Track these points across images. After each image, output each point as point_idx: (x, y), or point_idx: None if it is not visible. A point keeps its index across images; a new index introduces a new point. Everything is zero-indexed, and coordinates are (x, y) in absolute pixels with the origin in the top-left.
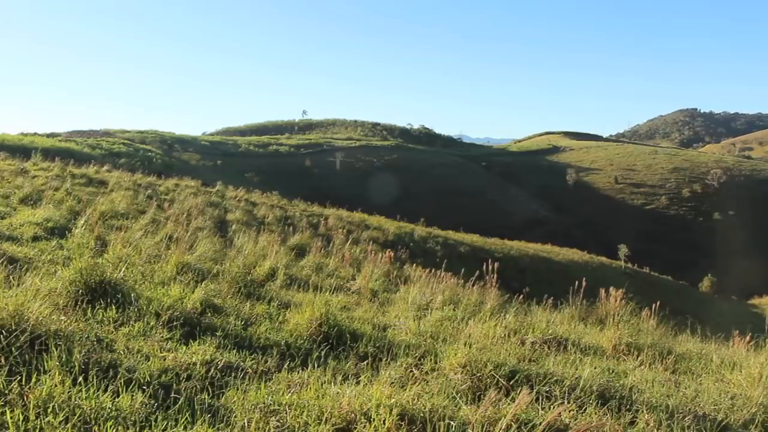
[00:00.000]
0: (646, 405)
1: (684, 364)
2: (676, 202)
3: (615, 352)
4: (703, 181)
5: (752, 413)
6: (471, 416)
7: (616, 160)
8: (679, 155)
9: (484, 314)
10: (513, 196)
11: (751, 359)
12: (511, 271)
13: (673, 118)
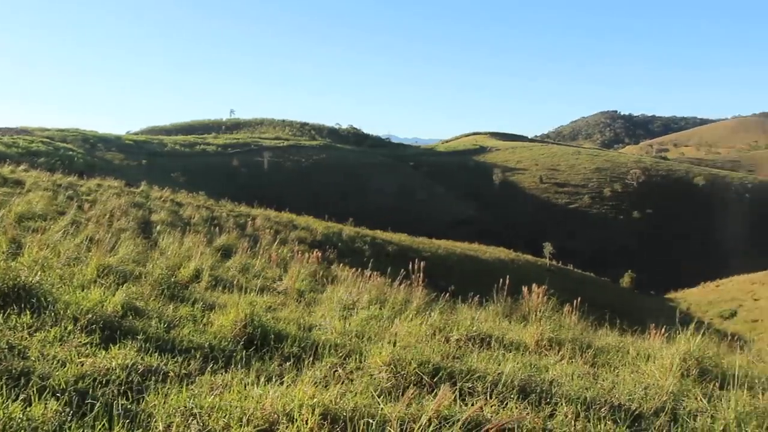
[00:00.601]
0: (566, 398)
1: (603, 357)
2: (598, 201)
3: (537, 348)
4: (623, 180)
5: (663, 401)
6: (392, 414)
7: (541, 160)
8: (601, 156)
9: (410, 313)
10: (440, 196)
11: (664, 350)
12: (439, 270)
13: (595, 120)
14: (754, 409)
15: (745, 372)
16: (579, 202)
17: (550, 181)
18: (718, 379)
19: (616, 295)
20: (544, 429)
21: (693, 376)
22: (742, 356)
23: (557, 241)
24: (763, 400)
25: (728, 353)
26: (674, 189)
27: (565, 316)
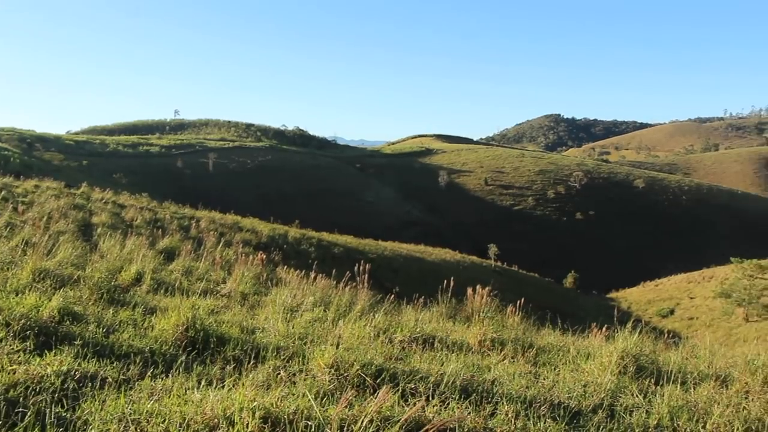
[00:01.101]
0: (507, 397)
1: (544, 357)
2: (542, 203)
3: (480, 348)
4: (566, 183)
5: (601, 398)
6: (332, 416)
7: (486, 162)
8: (545, 158)
9: (354, 314)
10: (387, 198)
11: (603, 349)
12: (385, 272)
13: (539, 123)
14: (686, 403)
15: (679, 368)
16: (523, 204)
17: (495, 183)
18: (654, 375)
19: (559, 295)
20: (486, 428)
21: (630, 373)
22: (677, 353)
23: (502, 242)
24: (695, 394)
25: (664, 350)
26: (615, 191)
27: (508, 317)
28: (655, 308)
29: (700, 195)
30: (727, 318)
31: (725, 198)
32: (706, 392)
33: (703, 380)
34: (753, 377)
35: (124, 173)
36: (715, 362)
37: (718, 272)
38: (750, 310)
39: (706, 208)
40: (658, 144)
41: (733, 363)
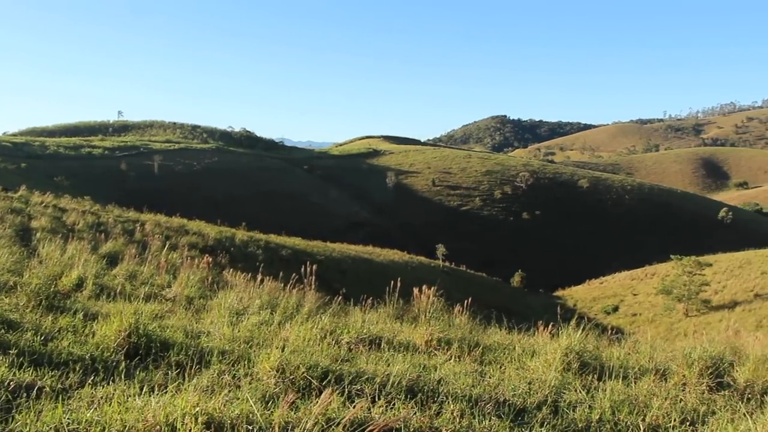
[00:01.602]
0: (453, 396)
1: (490, 355)
2: (489, 203)
3: (427, 348)
4: (512, 183)
5: (545, 395)
6: (276, 419)
7: (434, 163)
8: (491, 159)
9: (302, 317)
10: (335, 199)
11: (548, 346)
12: (333, 273)
13: (486, 124)
14: (628, 397)
15: (621, 363)
16: (471, 204)
17: (442, 184)
18: (597, 371)
19: (506, 294)
20: (431, 427)
21: (574, 369)
22: (619, 349)
23: (450, 242)
24: (636, 388)
25: (608, 346)
26: (561, 191)
27: (455, 316)
28: (601, 305)
29: (642, 194)
30: (669, 313)
31: (666, 197)
32: (647, 386)
33: (644, 374)
34: (690, 370)
35: (66, 176)
36: (656, 356)
37: (660, 269)
38: (689, 306)
39: (648, 207)
40: (601, 144)
41: (672, 357)
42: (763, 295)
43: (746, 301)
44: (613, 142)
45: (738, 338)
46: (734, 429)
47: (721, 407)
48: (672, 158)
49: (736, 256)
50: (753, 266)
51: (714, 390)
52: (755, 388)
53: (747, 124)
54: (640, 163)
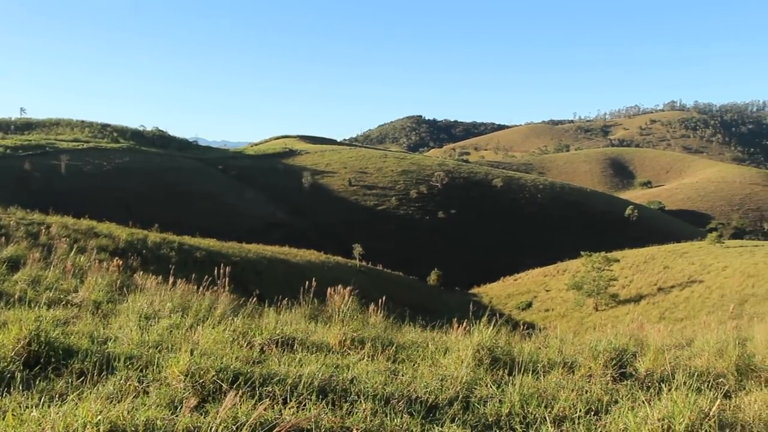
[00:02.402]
0: (365, 395)
1: (404, 353)
2: (405, 203)
3: (341, 347)
4: (428, 182)
5: (457, 391)
6: (182, 423)
7: (350, 163)
8: (407, 159)
9: (214, 319)
10: (250, 199)
11: (460, 343)
12: (249, 274)
13: (402, 124)
14: (537, 390)
15: (531, 357)
16: (387, 204)
17: (358, 184)
18: (508, 366)
19: (423, 292)
20: (343, 427)
21: (485, 365)
22: (530, 343)
23: (367, 242)
24: (544, 381)
25: (520, 341)
26: (476, 190)
27: (370, 315)
28: (515, 302)
29: (554, 193)
30: (579, 308)
31: (576, 195)
32: (555, 379)
33: (553, 368)
34: (595, 362)
35: None
36: (565, 350)
37: (571, 266)
38: (599, 300)
39: (559, 205)
40: (514, 145)
41: (580, 350)
42: (666, 289)
43: (650, 294)
44: (525, 143)
45: (641, 330)
46: (634, 416)
47: (624, 396)
48: (582, 158)
49: (641, 252)
50: (656, 261)
51: (617, 380)
52: (654, 376)
53: (650, 126)
54: (551, 162)
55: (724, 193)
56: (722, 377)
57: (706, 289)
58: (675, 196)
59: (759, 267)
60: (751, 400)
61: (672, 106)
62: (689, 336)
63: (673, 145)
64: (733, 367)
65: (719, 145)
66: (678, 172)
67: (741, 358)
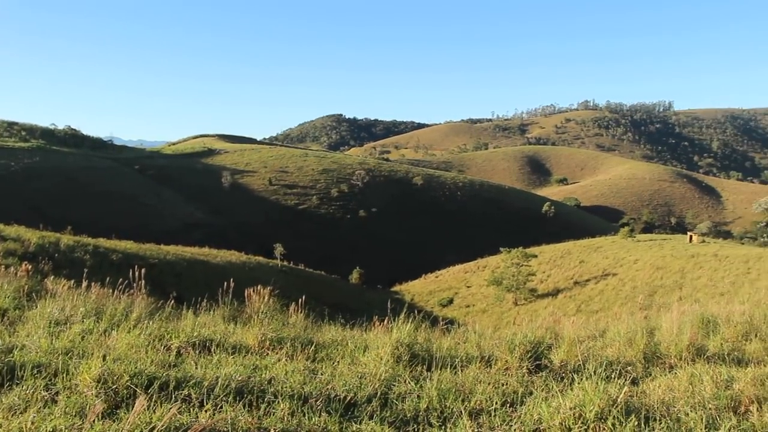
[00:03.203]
0: (283, 395)
1: (323, 352)
2: (326, 202)
3: (260, 348)
4: (349, 181)
5: (376, 388)
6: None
7: (270, 162)
8: (328, 158)
9: (130, 323)
10: (168, 200)
11: (379, 340)
12: (168, 276)
13: (322, 123)
14: (455, 385)
15: (450, 353)
16: (308, 203)
17: (279, 183)
18: (427, 361)
19: (345, 291)
20: (260, 427)
21: (404, 361)
22: (449, 339)
23: (288, 241)
24: (462, 376)
25: (440, 337)
26: (396, 188)
27: (290, 315)
28: (437, 298)
29: (474, 190)
30: (500, 303)
31: (495, 193)
32: (473, 373)
33: (471, 362)
34: (512, 355)
35: None
36: (483, 344)
37: (491, 261)
38: (518, 295)
39: (479, 203)
40: (434, 143)
41: (497, 344)
42: (582, 282)
43: (567, 288)
44: (445, 141)
45: (557, 323)
46: (548, 406)
47: (539, 387)
48: (500, 156)
49: (558, 247)
50: (573, 256)
51: (533, 372)
52: (568, 367)
53: (565, 125)
54: (471, 160)
55: (634, 189)
56: (631, 365)
57: (619, 281)
58: (589, 192)
59: (667, 259)
60: (655, 385)
61: (586, 105)
62: (602, 327)
63: (587, 143)
64: (641, 355)
65: (630, 143)
66: (592, 169)
67: (648, 347)
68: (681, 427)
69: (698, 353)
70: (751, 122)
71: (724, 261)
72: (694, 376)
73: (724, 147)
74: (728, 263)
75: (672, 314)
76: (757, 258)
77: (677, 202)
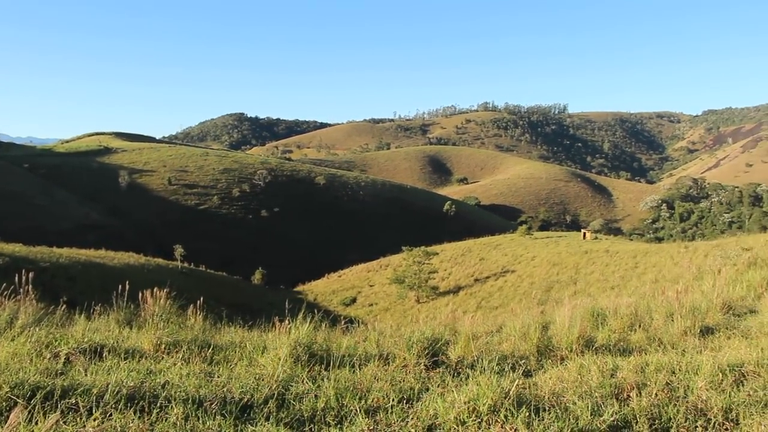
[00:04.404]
0: (177, 399)
1: (222, 354)
2: (227, 202)
3: (156, 352)
4: (251, 181)
5: (273, 389)
6: None
7: (170, 161)
8: (229, 157)
9: (14, 331)
10: (62, 200)
11: (278, 341)
12: (61, 281)
13: (223, 122)
14: (353, 383)
15: (349, 352)
16: (209, 203)
17: (179, 183)
18: (325, 361)
19: (248, 292)
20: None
21: (303, 361)
22: (349, 338)
23: (189, 242)
24: (360, 374)
25: (339, 337)
26: (299, 188)
27: (189, 318)
28: (340, 298)
29: (376, 190)
30: (402, 301)
31: (397, 192)
32: (371, 371)
33: (370, 360)
34: (410, 352)
35: None
36: (383, 343)
37: (393, 260)
38: (420, 293)
39: (381, 202)
40: (337, 143)
41: (396, 342)
42: (482, 279)
43: (468, 285)
44: (348, 141)
45: (457, 320)
46: (443, 401)
47: (435, 383)
48: (402, 156)
49: (459, 245)
50: (473, 254)
51: (430, 368)
52: (465, 362)
53: (466, 126)
54: (373, 160)
55: (532, 188)
56: (525, 359)
57: (517, 278)
58: (489, 191)
59: (562, 256)
60: (547, 377)
61: (485, 106)
62: (500, 323)
63: (487, 143)
64: (534, 349)
65: (527, 143)
66: (491, 169)
67: (541, 340)
68: (569, 416)
69: (587, 345)
70: (638, 125)
71: (614, 256)
72: (583, 366)
73: (615, 148)
74: (618, 258)
75: (564, 309)
76: (644, 253)
77: (572, 200)
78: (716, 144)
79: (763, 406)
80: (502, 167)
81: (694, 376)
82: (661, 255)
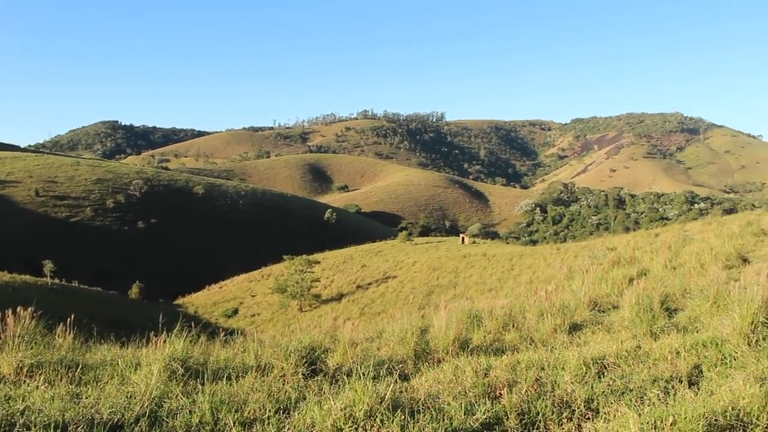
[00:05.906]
0: (39, 425)
1: (92, 374)
2: (101, 213)
3: (17, 376)
4: (126, 191)
5: (145, 407)
6: None
7: (36, 171)
8: (102, 166)
9: None
10: None
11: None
12: None
13: (96, 130)
14: (230, 396)
15: (227, 364)
16: (81, 215)
17: (48, 194)
18: (201, 375)
19: (124, 307)
20: None
21: (178, 376)
22: (228, 350)
23: (61, 257)
24: (237, 386)
25: (218, 349)
26: (177, 198)
27: (58, 337)
28: (221, 309)
29: (256, 199)
30: (285, 311)
31: (278, 201)
32: (248, 383)
33: (247, 372)
34: (287, 361)
35: None
36: (262, 353)
37: (275, 269)
38: (303, 302)
39: (262, 211)
40: (215, 151)
41: (275, 352)
42: (364, 286)
43: (351, 292)
44: (227, 149)
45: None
46: (320, 409)
47: (313, 392)
48: (282, 164)
49: (341, 253)
50: (355, 261)
51: (308, 377)
52: (343, 369)
53: (346, 134)
54: (253, 169)
55: (411, 195)
56: (403, 362)
57: (399, 283)
58: (369, 198)
59: (442, 260)
60: (423, 380)
61: (365, 114)
62: (380, 328)
63: (367, 151)
64: (412, 353)
65: (407, 151)
66: (372, 176)
67: (419, 344)
68: (443, 417)
69: (463, 346)
70: (512, 133)
71: (492, 260)
72: (458, 368)
73: (490, 155)
74: (495, 261)
75: (441, 312)
76: (519, 256)
77: (450, 206)
78: (584, 150)
79: (621, 395)
80: (382, 174)
81: (561, 371)
82: (535, 257)
